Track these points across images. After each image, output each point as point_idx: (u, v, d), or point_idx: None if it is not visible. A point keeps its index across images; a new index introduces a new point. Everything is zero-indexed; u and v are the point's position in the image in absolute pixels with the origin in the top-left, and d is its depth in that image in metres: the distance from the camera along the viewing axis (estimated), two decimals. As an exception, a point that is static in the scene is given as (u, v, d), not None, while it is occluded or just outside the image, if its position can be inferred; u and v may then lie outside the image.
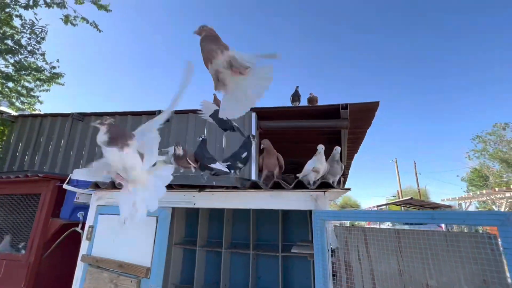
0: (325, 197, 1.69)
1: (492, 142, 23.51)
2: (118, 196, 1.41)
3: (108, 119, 1.23)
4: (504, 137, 22.76)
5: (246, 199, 1.84)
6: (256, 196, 1.82)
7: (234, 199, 1.87)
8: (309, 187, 1.69)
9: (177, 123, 4.12)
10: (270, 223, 2.98)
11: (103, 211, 2.10)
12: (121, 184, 1.92)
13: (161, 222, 1.74)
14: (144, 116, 4.30)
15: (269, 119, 3.81)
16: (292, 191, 1.74)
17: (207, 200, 1.92)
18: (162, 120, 1.34)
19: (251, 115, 3.73)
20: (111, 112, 4.44)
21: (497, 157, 22.64)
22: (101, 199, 2.17)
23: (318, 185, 1.66)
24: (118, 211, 2.03)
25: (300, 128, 3.64)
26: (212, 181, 1.74)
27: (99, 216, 2.10)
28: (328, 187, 1.66)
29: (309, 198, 1.71)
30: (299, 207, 1.72)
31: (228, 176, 1.78)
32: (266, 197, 1.80)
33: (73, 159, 4.38)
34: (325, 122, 3.50)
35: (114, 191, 2.14)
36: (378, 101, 3.15)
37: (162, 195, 1.31)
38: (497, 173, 22.91)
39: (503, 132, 22.80)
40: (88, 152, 4.37)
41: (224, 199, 1.89)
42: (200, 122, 3.95)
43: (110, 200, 2.13)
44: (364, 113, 3.41)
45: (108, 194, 2.16)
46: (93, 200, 2.19)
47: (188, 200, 1.94)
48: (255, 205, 1.81)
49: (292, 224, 2.96)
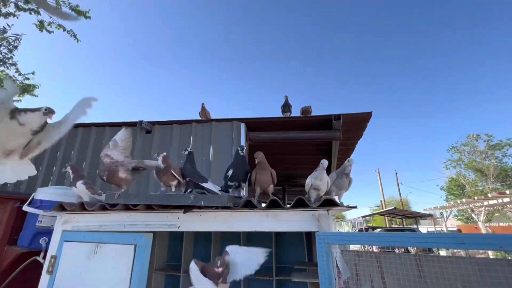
0: (329, 216, 1.50)
1: (467, 152, 24.76)
2: None
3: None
4: (477, 148, 24.04)
5: (238, 220, 1.62)
6: (251, 216, 1.61)
7: (225, 220, 1.64)
8: (310, 205, 1.50)
9: (160, 134, 3.84)
10: (262, 243, 2.74)
11: (70, 238, 1.78)
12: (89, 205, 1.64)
13: (140, 252, 1.47)
14: (123, 127, 3.98)
15: (258, 130, 3.65)
16: (292, 210, 1.54)
17: (193, 222, 1.67)
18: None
19: (239, 126, 3.55)
20: (87, 123, 4.10)
21: (471, 166, 23.76)
22: (67, 223, 1.85)
23: (321, 203, 1.47)
24: (88, 238, 1.74)
25: (291, 139, 3.50)
26: (200, 200, 1.51)
27: (64, 243, 1.77)
28: (331, 205, 1.48)
29: (311, 217, 1.52)
30: (299, 228, 1.52)
31: (219, 195, 1.56)
32: (261, 218, 1.59)
33: (42, 176, 3.95)
34: (317, 133, 3.38)
35: (83, 214, 1.84)
36: (371, 112, 3.08)
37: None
38: (472, 182, 23.94)
39: (476, 143, 24.10)
40: (60, 167, 3.96)
41: (213, 221, 1.65)
42: (186, 133, 3.71)
43: (78, 225, 1.82)
44: (356, 124, 3.34)
45: (75, 217, 1.85)
46: (58, 225, 1.87)
47: (171, 223, 1.68)
48: (250, 227, 1.59)
49: (286, 244, 2.74)
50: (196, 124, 3.72)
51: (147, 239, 1.47)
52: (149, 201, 1.60)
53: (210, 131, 3.64)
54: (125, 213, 1.77)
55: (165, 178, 1.75)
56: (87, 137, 4.01)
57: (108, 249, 1.58)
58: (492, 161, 22.74)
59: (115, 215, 1.79)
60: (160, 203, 1.58)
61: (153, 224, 1.70)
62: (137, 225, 1.73)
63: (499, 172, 22.00)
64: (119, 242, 1.52)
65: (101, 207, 1.75)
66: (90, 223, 1.80)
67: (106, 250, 1.59)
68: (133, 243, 1.48)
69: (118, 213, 1.78)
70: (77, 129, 4.08)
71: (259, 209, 1.56)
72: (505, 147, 22.50)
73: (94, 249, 1.62)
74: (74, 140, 4.00)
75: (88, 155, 3.80)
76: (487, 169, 22.52)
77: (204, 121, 3.73)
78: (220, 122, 3.64)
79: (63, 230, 1.84)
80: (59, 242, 1.80)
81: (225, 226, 1.63)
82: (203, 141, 3.63)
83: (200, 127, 3.70)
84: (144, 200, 1.61)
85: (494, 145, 23.02)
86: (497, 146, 22.94)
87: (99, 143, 3.92)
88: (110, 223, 1.78)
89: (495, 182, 22.20)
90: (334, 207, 1.48)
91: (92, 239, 1.64)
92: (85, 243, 1.66)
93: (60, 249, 1.78)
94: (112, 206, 1.70)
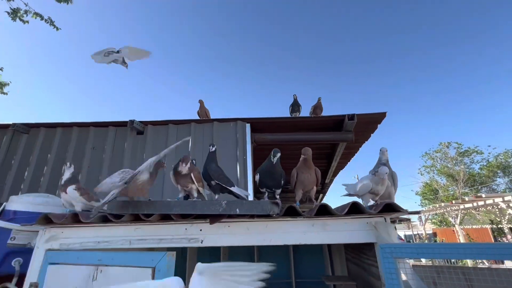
0: (387, 224, 1.28)
1: (439, 158, 26.20)
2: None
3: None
4: (448, 154, 25.53)
5: (277, 232, 1.34)
6: (292, 226, 1.34)
7: (260, 232, 1.35)
8: (365, 212, 1.27)
9: (154, 135, 3.46)
10: (277, 255, 2.46)
11: (56, 259, 1.40)
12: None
13: (160, 278, 1.13)
14: (111, 127, 3.55)
15: (264, 131, 3.40)
16: (344, 218, 1.30)
17: (220, 235, 1.36)
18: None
19: (244, 126, 3.27)
20: (68, 122, 3.60)
21: (444, 172, 25.14)
22: (53, 240, 1.46)
23: (382, 208, 1.24)
24: (83, 259, 1.34)
25: (299, 141, 3.28)
26: (235, 208, 1.22)
27: (48, 267, 1.38)
28: (392, 210, 1.26)
29: (366, 226, 1.29)
30: (353, 239, 1.28)
31: (258, 201, 1.28)
32: (305, 228, 1.33)
33: (11, 182, 3.38)
34: (328, 134, 3.20)
35: (76, 228, 1.46)
36: (385, 112, 2.96)
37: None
38: (444, 187, 25.29)
39: (447, 150, 25.60)
40: (33, 172, 3.42)
41: (246, 233, 1.36)
42: (184, 135, 3.35)
43: (68, 242, 1.44)
44: (367, 125, 3.20)
45: (65, 232, 1.47)
46: (40, 242, 1.47)
47: (192, 237, 1.36)
48: (292, 239, 1.32)
49: (303, 255, 2.48)
50: (195, 124, 3.39)
51: (170, 260, 1.13)
52: (168, 210, 1.28)
53: (212, 132, 3.33)
54: (131, 225, 1.43)
55: (183, 181, 1.43)
56: (67, 138, 3.52)
57: (113, 274, 1.22)
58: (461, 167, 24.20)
59: (118, 228, 1.43)
60: (182, 212, 1.26)
61: (168, 239, 1.37)
62: (147, 240, 1.40)
63: (468, 177, 23.44)
64: (129, 264, 1.17)
65: (101, 218, 1.39)
66: (85, 240, 1.43)
67: (110, 275, 1.23)
68: (150, 266, 1.14)
69: (123, 225, 1.43)
70: (56, 130, 3.57)
71: (305, 217, 1.30)
72: (472, 154, 24.10)
73: (92, 274, 1.25)
74: (52, 141, 3.49)
75: (68, 158, 3.31)
76: (457, 175, 23.91)
77: (204, 121, 3.41)
78: (222, 122, 3.35)
79: (48, 249, 1.44)
80: (42, 265, 1.41)
81: (261, 239, 1.34)
82: (203, 143, 3.31)
83: (200, 128, 3.38)
84: (160, 208, 1.29)
85: (463, 152, 24.58)
86: (465, 153, 24.51)
87: (82, 144, 3.45)
88: (112, 238, 1.42)
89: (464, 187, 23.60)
90: (396, 213, 1.26)
91: (89, 261, 1.28)
92: (80, 266, 1.29)
93: (42, 275, 1.38)
94: (116, 218, 1.35)
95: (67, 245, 1.44)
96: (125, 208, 1.34)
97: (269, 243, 1.33)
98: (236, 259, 2.46)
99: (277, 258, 2.40)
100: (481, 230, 16.63)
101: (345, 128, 3.15)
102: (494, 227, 15.78)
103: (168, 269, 1.09)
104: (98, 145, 3.47)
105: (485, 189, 22.38)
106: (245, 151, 3.14)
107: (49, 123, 3.66)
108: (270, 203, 1.24)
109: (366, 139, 3.70)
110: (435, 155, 26.96)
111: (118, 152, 3.43)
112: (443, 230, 19.61)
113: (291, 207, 1.30)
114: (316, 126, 3.27)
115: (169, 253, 1.13)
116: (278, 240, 1.34)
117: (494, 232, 15.91)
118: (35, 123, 3.66)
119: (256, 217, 1.34)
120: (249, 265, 0.93)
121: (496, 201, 10.22)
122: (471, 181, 24.01)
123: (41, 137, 3.57)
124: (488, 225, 16.50)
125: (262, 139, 3.34)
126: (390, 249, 1.14)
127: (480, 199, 10.93)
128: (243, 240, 1.36)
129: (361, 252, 1.63)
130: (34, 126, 3.67)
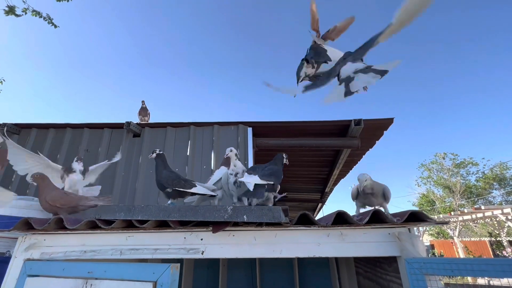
0: (412, 235, 1.14)
1: (435, 170, 26.24)
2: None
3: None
4: (444, 165, 25.59)
5: (287, 242, 1.19)
6: (304, 236, 1.19)
7: (268, 242, 1.20)
8: (388, 221, 1.13)
9: (151, 138, 3.31)
10: (279, 268, 2.29)
11: (37, 271, 1.22)
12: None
13: (158, 294, 0.96)
14: (106, 129, 3.39)
15: (266, 136, 3.27)
16: (364, 228, 1.16)
17: (224, 245, 1.21)
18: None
19: (246, 130, 3.15)
20: (62, 123, 3.44)
21: (440, 183, 25.14)
22: (33, 248, 1.29)
23: (407, 217, 1.11)
24: (69, 271, 1.17)
25: (302, 147, 3.16)
26: (242, 215, 1.07)
27: (27, 280, 1.21)
28: (417, 220, 1.12)
29: (388, 237, 1.15)
30: (374, 252, 1.14)
31: (269, 207, 1.14)
32: (320, 238, 1.18)
33: (-4, 184, 3.18)
34: (332, 140, 3.08)
35: (61, 234, 1.30)
36: (392, 118, 2.86)
37: None
38: (441, 198, 25.25)
39: (443, 161, 25.68)
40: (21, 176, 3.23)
41: (252, 243, 1.21)
42: (182, 138, 3.21)
43: (50, 251, 1.27)
44: (373, 131, 3.10)
45: (47, 240, 1.30)
46: (18, 251, 1.30)
47: (192, 247, 1.21)
48: (304, 251, 1.17)
49: (307, 268, 2.31)
50: (195, 127, 3.26)
51: (174, 273, 0.97)
52: (165, 216, 1.13)
53: (212, 136, 3.20)
54: (123, 232, 1.27)
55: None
56: (60, 139, 3.35)
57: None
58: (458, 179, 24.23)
59: (107, 236, 1.27)
60: (182, 219, 1.11)
61: (164, 249, 1.22)
62: (141, 250, 1.24)
63: (464, 189, 23.44)
64: (125, 278, 1.01)
65: (88, 224, 1.23)
66: (69, 249, 1.27)
67: (99, 290, 1.06)
68: (151, 280, 0.97)
69: (113, 233, 1.27)
70: (48, 131, 3.41)
71: (319, 226, 1.16)
72: (468, 165, 24.19)
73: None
74: (43, 143, 3.32)
75: (60, 160, 3.14)
76: (454, 186, 23.90)
77: (205, 124, 3.28)
78: (223, 126, 3.22)
79: (26, 259, 1.27)
80: (18, 278, 1.23)
81: (270, 250, 1.19)
82: (203, 146, 3.17)
83: (200, 131, 3.25)
84: (156, 214, 1.14)
85: (459, 164, 24.66)
86: (461, 165, 24.59)
87: (75, 146, 3.29)
88: (100, 247, 1.25)
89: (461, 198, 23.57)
90: (421, 223, 1.13)
91: (77, 273, 1.11)
92: (65, 279, 1.12)
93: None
94: (106, 224, 1.19)
95: (49, 254, 1.27)
96: (116, 213, 1.18)
97: (279, 255, 1.18)
98: (236, 271, 2.28)
99: (281, 270, 2.24)
100: (479, 243, 16.46)
101: (350, 134, 3.04)
102: (492, 240, 15.62)
103: (172, 283, 0.93)
104: (92, 147, 3.31)
105: (481, 201, 22.37)
106: (246, 156, 3.00)
107: (41, 123, 3.50)
108: (281, 209, 1.09)
109: (371, 146, 3.59)
110: (431, 166, 26.99)
111: (113, 155, 3.27)
112: (440, 242, 19.39)
113: (304, 214, 1.16)
114: (319, 131, 3.16)
115: (173, 265, 0.97)
116: (288, 252, 1.19)
117: (492, 245, 15.74)
118: (26, 124, 3.50)
119: (265, 225, 1.20)
120: None
121: (495, 213, 10.15)
122: (468, 193, 24.00)
123: (32, 138, 3.40)
124: (486, 237, 16.35)
125: (264, 144, 3.21)
126: (419, 264, 1.00)
127: (479, 211, 10.84)
128: (249, 252, 1.21)
129: (376, 266, 1.48)
130: (25, 127, 3.50)
